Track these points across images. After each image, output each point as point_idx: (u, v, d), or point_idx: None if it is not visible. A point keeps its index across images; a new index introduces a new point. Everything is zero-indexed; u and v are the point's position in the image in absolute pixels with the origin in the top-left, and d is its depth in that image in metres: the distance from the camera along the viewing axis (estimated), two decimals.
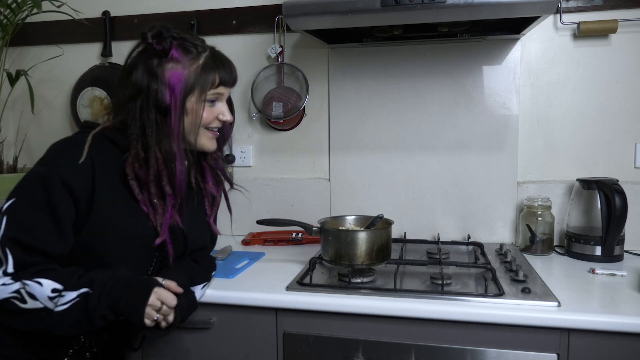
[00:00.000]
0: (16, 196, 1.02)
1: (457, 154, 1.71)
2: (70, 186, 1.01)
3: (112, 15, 1.94)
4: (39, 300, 0.97)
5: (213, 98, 1.12)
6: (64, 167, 1.02)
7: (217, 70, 1.11)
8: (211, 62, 1.10)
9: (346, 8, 1.27)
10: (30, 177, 1.03)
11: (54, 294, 0.98)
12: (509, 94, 1.65)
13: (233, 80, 1.16)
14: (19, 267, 0.98)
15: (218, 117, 1.14)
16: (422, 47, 1.70)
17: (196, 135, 1.12)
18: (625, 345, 1.08)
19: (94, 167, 1.04)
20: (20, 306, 0.97)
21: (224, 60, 1.14)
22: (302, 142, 1.85)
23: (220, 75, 1.11)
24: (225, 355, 1.30)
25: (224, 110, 1.15)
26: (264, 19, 1.81)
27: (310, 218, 1.57)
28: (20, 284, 0.97)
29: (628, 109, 1.61)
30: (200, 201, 1.24)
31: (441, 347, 1.17)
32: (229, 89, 1.17)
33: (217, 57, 1.12)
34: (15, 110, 2.07)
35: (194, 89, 1.08)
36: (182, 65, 1.07)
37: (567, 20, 1.61)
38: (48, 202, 1.00)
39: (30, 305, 0.97)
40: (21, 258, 0.98)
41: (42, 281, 0.98)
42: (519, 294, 1.20)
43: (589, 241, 1.50)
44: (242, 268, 1.45)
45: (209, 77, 1.09)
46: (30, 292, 0.97)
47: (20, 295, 0.97)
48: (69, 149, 1.05)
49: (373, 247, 1.33)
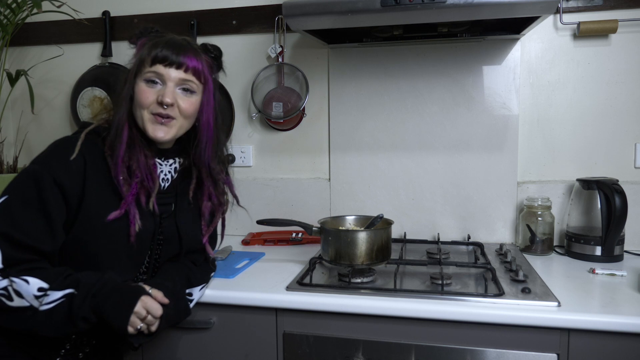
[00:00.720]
0: (9, 193, 1.02)
1: (457, 154, 1.71)
2: (61, 184, 1.02)
3: (112, 15, 1.93)
4: (25, 299, 0.97)
5: (151, 77, 1.09)
6: (55, 166, 1.03)
7: (158, 49, 1.09)
8: (158, 42, 1.10)
9: (346, 8, 1.27)
10: (23, 175, 1.04)
11: (40, 293, 0.98)
12: (509, 94, 1.65)
13: (175, 62, 1.08)
14: (8, 263, 0.98)
15: (157, 99, 1.08)
16: (422, 47, 1.70)
17: (142, 119, 1.10)
18: (625, 345, 1.08)
19: (85, 165, 1.06)
20: (7, 304, 0.97)
21: (175, 42, 1.11)
22: (302, 142, 1.85)
23: (159, 52, 1.08)
24: (225, 355, 1.30)
25: (164, 92, 1.08)
26: (264, 19, 1.81)
27: (310, 218, 1.57)
28: (7, 281, 0.97)
29: (628, 109, 1.61)
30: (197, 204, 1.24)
31: (441, 347, 1.17)
32: (177, 73, 1.09)
33: (169, 40, 1.11)
34: (15, 110, 2.07)
35: (135, 67, 1.10)
36: (139, 51, 1.12)
37: (567, 20, 1.61)
38: (39, 200, 1.01)
39: (17, 304, 0.97)
40: (11, 254, 0.98)
41: (29, 279, 0.98)
42: (519, 294, 1.20)
43: (589, 241, 1.50)
44: (242, 268, 1.45)
45: (150, 52, 1.09)
46: (17, 289, 0.97)
47: (7, 292, 0.97)
48: (63, 148, 1.06)
49: (373, 247, 1.32)
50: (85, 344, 1.16)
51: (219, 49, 1.23)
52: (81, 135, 1.08)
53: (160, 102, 1.08)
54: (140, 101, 1.09)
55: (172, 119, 1.11)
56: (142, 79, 1.09)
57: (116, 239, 1.09)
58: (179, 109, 1.11)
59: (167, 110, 1.09)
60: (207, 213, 1.24)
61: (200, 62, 1.12)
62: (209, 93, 1.16)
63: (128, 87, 1.10)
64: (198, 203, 1.24)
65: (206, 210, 1.23)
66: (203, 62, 1.13)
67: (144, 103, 1.09)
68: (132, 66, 1.11)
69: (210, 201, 1.24)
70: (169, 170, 1.20)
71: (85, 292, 1.00)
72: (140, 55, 1.10)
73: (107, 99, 1.90)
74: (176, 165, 1.21)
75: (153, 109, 1.09)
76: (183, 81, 1.10)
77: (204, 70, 1.13)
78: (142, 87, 1.09)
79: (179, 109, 1.11)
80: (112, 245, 1.09)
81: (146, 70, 1.09)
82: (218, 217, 1.26)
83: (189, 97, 1.12)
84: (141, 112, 1.09)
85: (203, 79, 1.13)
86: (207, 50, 1.20)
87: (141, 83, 1.09)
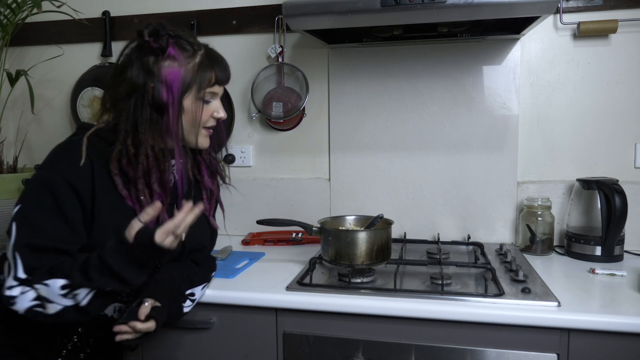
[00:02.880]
0: (23, 202, 1.02)
1: (457, 154, 1.71)
2: (75, 187, 1.02)
3: (112, 15, 1.94)
4: (56, 302, 0.96)
5: (209, 97, 1.13)
6: (66, 170, 1.02)
7: (213, 69, 1.11)
8: (207, 60, 1.11)
9: (346, 8, 1.27)
10: (35, 182, 1.04)
11: (65, 291, 0.96)
12: (509, 94, 1.65)
13: (227, 78, 1.17)
14: (30, 272, 0.98)
15: (212, 115, 1.15)
16: (422, 47, 1.70)
17: (196, 135, 1.13)
18: (625, 345, 1.08)
19: (93, 168, 1.05)
20: (44, 313, 0.97)
21: (219, 58, 1.14)
22: (302, 142, 1.85)
23: (216, 73, 1.11)
24: (225, 355, 1.30)
25: (218, 108, 1.16)
26: (264, 19, 1.80)
27: (310, 218, 1.57)
28: (34, 292, 0.97)
29: (628, 109, 1.61)
30: (198, 200, 1.24)
31: (441, 347, 1.17)
32: (223, 87, 1.18)
33: (212, 55, 1.13)
34: (15, 110, 2.07)
35: (191, 87, 1.08)
36: (178, 63, 1.07)
37: (567, 20, 1.61)
38: (56, 204, 1.00)
39: (53, 309, 0.97)
40: (32, 263, 0.98)
41: (48, 282, 0.97)
42: (519, 294, 1.20)
43: (589, 241, 1.49)
44: (242, 268, 1.45)
45: (206, 75, 1.09)
46: (43, 296, 0.97)
47: (40, 301, 0.97)
48: (68, 152, 1.06)
49: (373, 247, 1.32)
50: (86, 345, 1.16)
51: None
52: (84, 139, 1.07)
53: (216, 118, 1.15)
54: (201, 119, 1.12)
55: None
56: (198, 97, 1.10)
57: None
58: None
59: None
60: (209, 186, 1.25)
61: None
62: None
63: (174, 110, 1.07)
64: (197, 180, 1.24)
65: (208, 184, 1.25)
66: None
67: (203, 121, 1.13)
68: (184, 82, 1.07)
69: (208, 174, 1.25)
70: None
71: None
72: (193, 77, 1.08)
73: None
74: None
75: (208, 123, 1.15)
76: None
77: None
78: (199, 107, 1.11)
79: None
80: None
81: (205, 92, 1.11)
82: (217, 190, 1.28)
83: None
84: (197, 129, 1.13)
85: None
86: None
87: (198, 102, 1.11)
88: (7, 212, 1.64)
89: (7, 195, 1.65)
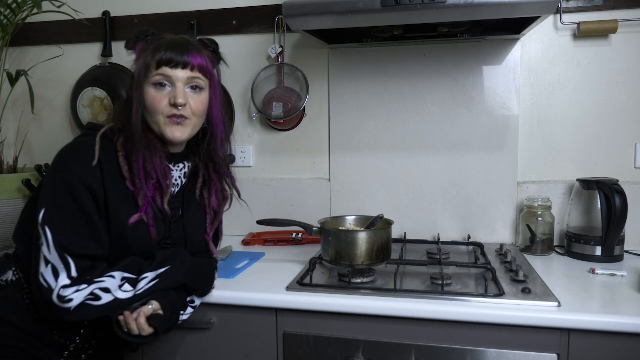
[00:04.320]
0: (46, 206, 1.02)
1: (457, 154, 1.71)
2: (92, 188, 1.04)
3: (112, 15, 1.93)
4: (112, 293, 1.03)
5: (159, 80, 1.09)
6: (82, 172, 1.03)
7: (162, 51, 1.08)
8: (160, 45, 1.10)
9: (346, 8, 1.27)
10: (53, 185, 1.04)
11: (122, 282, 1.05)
12: (509, 94, 1.65)
13: (181, 62, 1.09)
14: (81, 270, 1.02)
15: (170, 101, 1.09)
16: (422, 47, 1.70)
17: (158, 124, 1.11)
18: (625, 345, 1.08)
19: (102, 168, 1.06)
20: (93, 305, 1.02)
21: (177, 42, 1.11)
22: (302, 142, 1.85)
23: (165, 54, 1.08)
24: (225, 355, 1.30)
25: (175, 93, 1.08)
26: (264, 19, 1.81)
27: (310, 218, 1.57)
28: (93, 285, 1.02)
29: (628, 109, 1.61)
30: (201, 205, 1.25)
31: (441, 347, 1.17)
32: (184, 72, 1.10)
33: (171, 41, 1.11)
34: (15, 110, 2.07)
35: (141, 73, 1.09)
36: (141, 56, 1.11)
37: (567, 20, 1.61)
38: (80, 208, 1.03)
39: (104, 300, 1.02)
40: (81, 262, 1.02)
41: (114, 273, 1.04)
42: (519, 294, 1.20)
43: (589, 241, 1.49)
44: (242, 268, 1.45)
45: (155, 56, 1.08)
46: (104, 287, 1.02)
47: (94, 295, 1.01)
48: (81, 153, 1.06)
49: (373, 247, 1.32)
50: (88, 346, 1.16)
51: (216, 42, 1.22)
52: (96, 139, 1.08)
53: (173, 104, 1.09)
54: (153, 107, 1.09)
55: (186, 119, 1.11)
56: (149, 83, 1.09)
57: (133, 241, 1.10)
58: (191, 109, 1.12)
59: (180, 110, 1.10)
60: (215, 207, 1.25)
61: (203, 58, 1.13)
62: (214, 87, 1.18)
63: (138, 94, 1.09)
64: (204, 202, 1.24)
65: (214, 206, 1.25)
66: (206, 58, 1.14)
67: (157, 108, 1.09)
68: (137, 72, 1.10)
69: (216, 196, 1.25)
70: (179, 175, 1.20)
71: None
72: (144, 60, 1.09)
73: (107, 99, 1.90)
74: (185, 169, 1.22)
75: (167, 111, 1.09)
76: (191, 79, 1.11)
77: (208, 66, 1.14)
78: (151, 93, 1.09)
79: (190, 108, 1.12)
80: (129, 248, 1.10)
81: (153, 74, 1.08)
82: (221, 212, 1.28)
83: (198, 95, 1.13)
84: (156, 117, 1.10)
85: (208, 74, 1.14)
86: (205, 45, 1.19)
87: (150, 88, 1.09)
88: (7, 212, 1.64)
89: (7, 195, 1.65)
